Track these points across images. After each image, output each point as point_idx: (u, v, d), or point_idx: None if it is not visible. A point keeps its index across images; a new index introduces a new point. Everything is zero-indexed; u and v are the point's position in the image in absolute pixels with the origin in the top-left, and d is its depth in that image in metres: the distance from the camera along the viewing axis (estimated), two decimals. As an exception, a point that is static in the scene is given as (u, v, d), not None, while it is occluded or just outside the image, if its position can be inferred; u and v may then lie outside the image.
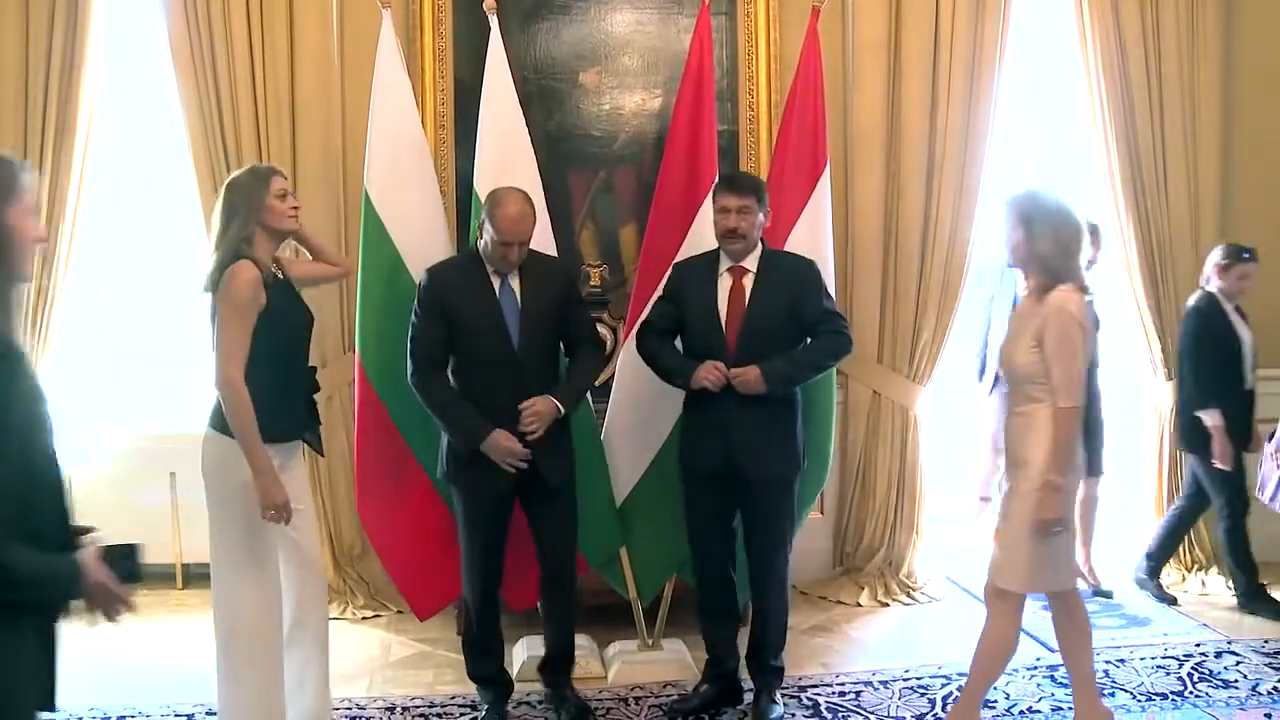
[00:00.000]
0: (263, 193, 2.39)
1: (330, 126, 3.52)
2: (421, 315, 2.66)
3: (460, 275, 2.69)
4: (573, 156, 3.57)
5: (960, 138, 3.65)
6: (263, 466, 2.32)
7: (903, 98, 3.66)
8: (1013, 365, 2.44)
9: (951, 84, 3.64)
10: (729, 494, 2.77)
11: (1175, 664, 3.12)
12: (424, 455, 2.95)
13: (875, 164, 3.68)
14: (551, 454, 2.67)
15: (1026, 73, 3.91)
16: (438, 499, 3.00)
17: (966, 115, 3.65)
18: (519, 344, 2.63)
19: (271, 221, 2.40)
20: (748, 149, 3.61)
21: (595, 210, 3.62)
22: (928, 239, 3.66)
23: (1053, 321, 2.34)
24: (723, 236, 2.72)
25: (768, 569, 2.78)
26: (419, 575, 3.05)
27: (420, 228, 3.03)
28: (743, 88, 3.60)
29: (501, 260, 2.62)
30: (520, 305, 2.65)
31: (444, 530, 3.03)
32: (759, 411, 2.67)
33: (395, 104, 3.02)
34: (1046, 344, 2.34)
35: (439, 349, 2.65)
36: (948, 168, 3.66)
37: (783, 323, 2.71)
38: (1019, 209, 2.44)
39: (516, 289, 2.67)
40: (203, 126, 3.45)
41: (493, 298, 2.64)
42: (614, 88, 3.58)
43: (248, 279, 2.32)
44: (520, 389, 2.62)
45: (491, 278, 2.66)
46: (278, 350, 2.37)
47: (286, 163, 3.48)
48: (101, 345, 3.98)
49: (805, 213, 3.14)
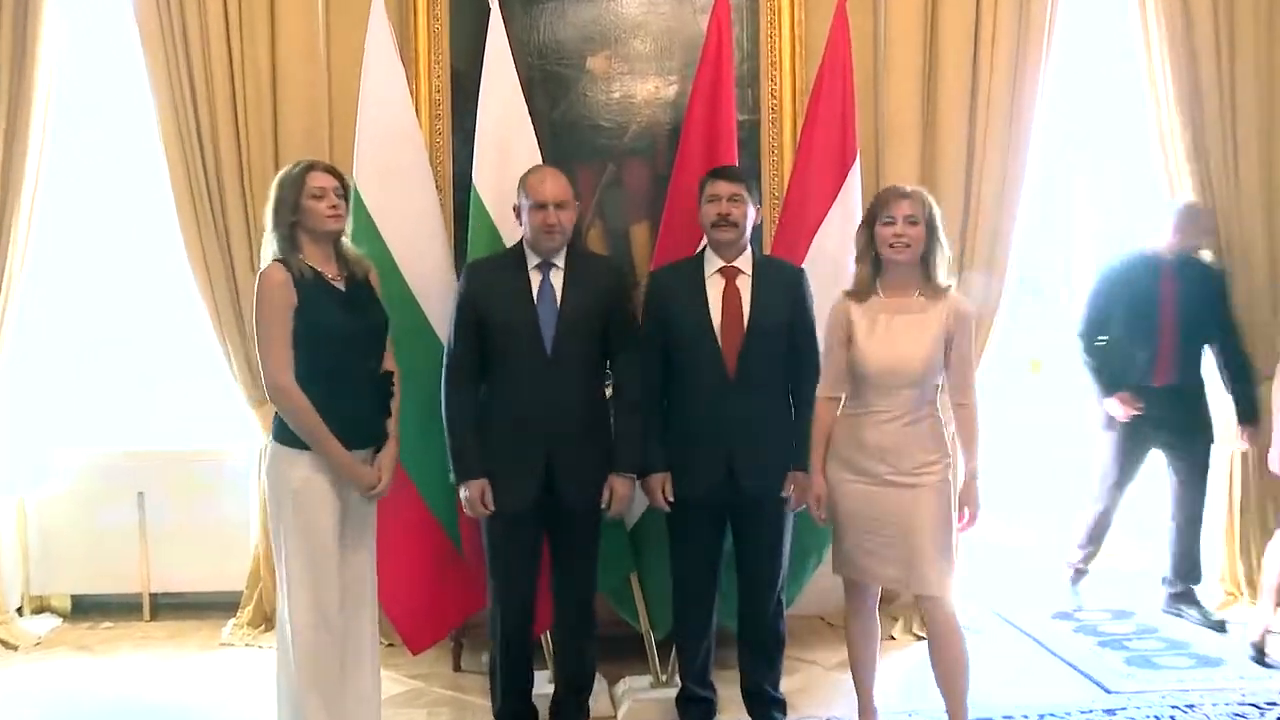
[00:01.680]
0: (298, 192, 2.50)
1: (316, 113, 3.58)
2: (456, 316, 2.75)
3: (498, 270, 2.78)
4: (580, 149, 3.62)
5: (1003, 126, 3.67)
6: (341, 460, 2.49)
7: (939, 82, 3.68)
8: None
9: (994, 65, 3.65)
10: (721, 521, 2.83)
11: (1256, 713, 3.07)
12: (421, 477, 3.00)
13: (909, 156, 3.71)
14: (577, 479, 2.72)
15: (1078, 54, 3.93)
16: (434, 524, 3.06)
17: (1010, 102, 3.67)
18: (552, 346, 2.68)
19: (310, 223, 2.51)
20: (770, 140, 3.67)
21: (604, 207, 3.68)
22: (966, 239, 3.70)
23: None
24: (712, 226, 2.77)
25: (768, 596, 2.84)
26: (412, 606, 3.10)
27: (414, 226, 3.08)
28: (765, 74, 3.65)
29: (545, 235, 2.68)
30: (559, 304, 2.70)
31: (440, 558, 3.10)
32: (760, 418, 2.74)
33: (387, 92, 3.08)
34: None
35: (469, 354, 2.72)
36: (988, 160, 3.68)
37: (783, 336, 2.78)
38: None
39: (559, 286, 2.72)
40: (174, 111, 3.51)
41: (528, 294, 2.71)
42: (625, 74, 3.64)
43: (275, 281, 2.45)
44: (551, 398, 2.67)
45: (532, 273, 2.73)
46: (319, 354, 2.47)
47: (266, 153, 3.54)
48: (61, 353, 4.04)
49: (834, 209, 3.19)
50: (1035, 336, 4.50)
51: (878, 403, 2.64)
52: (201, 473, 3.92)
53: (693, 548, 2.84)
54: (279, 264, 2.48)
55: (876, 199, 2.72)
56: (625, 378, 2.80)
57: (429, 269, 3.08)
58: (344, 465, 2.50)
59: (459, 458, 2.70)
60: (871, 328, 2.65)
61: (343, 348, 2.52)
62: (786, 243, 3.22)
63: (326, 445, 2.47)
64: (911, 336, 2.62)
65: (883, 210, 2.65)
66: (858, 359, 2.65)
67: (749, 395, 2.74)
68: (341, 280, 2.57)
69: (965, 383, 2.69)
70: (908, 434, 2.63)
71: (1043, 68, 3.69)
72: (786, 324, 2.78)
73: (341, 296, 2.55)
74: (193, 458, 3.94)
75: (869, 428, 2.65)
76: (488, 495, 2.68)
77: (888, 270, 2.68)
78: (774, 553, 2.83)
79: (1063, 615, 3.85)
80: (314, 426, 2.46)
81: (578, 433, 2.72)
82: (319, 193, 2.51)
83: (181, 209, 3.56)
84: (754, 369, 2.73)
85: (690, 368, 2.77)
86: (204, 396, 3.95)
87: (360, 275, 2.61)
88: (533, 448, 2.68)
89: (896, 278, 2.67)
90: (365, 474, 2.55)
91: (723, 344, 2.74)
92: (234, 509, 3.84)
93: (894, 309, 2.66)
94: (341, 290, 2.56)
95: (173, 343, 3.99)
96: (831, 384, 2.74)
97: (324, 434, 2.46)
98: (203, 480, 3.91)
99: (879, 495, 2.64)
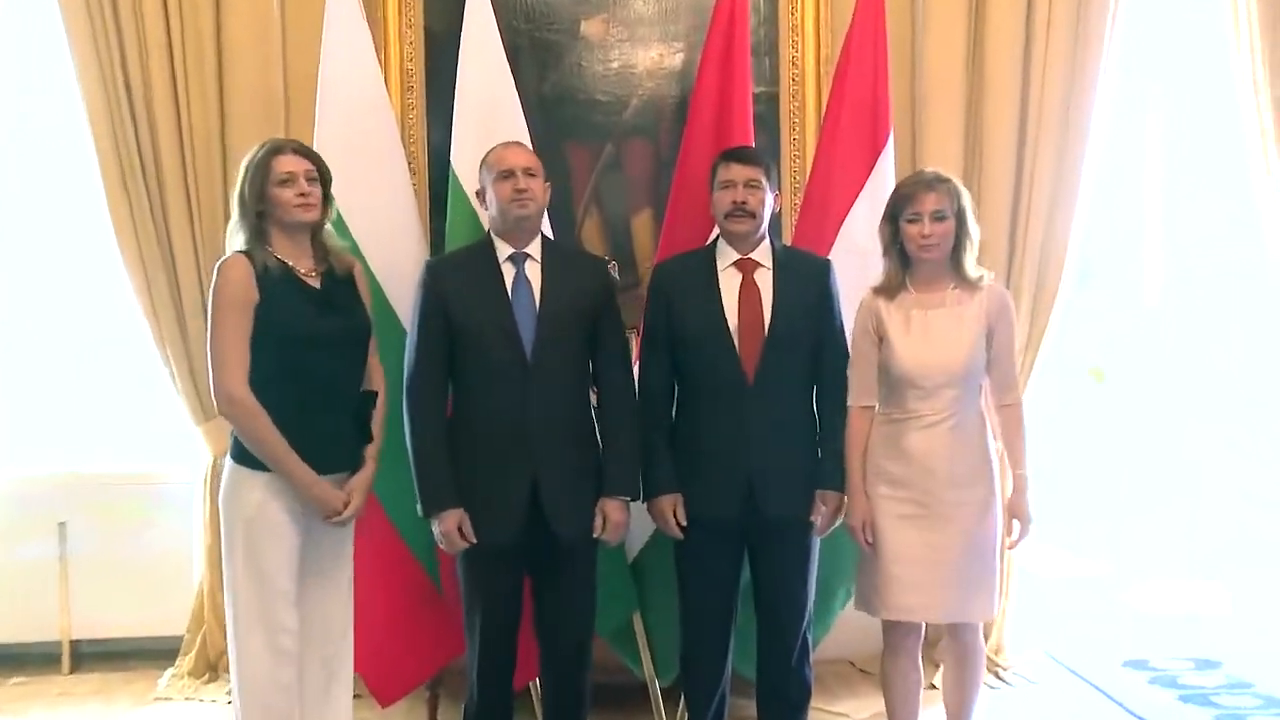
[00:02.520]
0: (263, 177, 2.56)
1: (269, 77, 3.63)
2: (417, 322, 2.79)
3: (465, 264, 2.84)
4: (573, 127, 3.71)
5: (1062, 93, 3.72)
6: (303, 479, 2.54)
7: (987, 43, 3.74)
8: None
9: (1052, 23, 3.70)
10: (738, 549, 2.91)
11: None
12: (394, 503, 3.04)
13: (951, 131, 3.79)
14: (568, 504, 2.77)
15: (1151, 4, 3.92)
16: (409, 558, 3.14)
17: (1070, 66, 3.72)
18: (533, 350, 2.73)
19: (277, 213, 2.58)
20: (790, 115, 3.76)
21: (601, 193, 3.76)
22: (1018, 225, 3.77)
23: None
24: (726, 216, 2.85)
25: (792, 636, 2.91)
26: (382, 652, 3.16)
27: (383, 214, 3.16)
28: (784, 39, 3.74)
29: (516, 205, 2.74)
30: (539, 301, 2.76)
31: (415, 597, 3.17)
32: (783, 430, 2.82)
33: (350, 57, 3.16)
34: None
35: (436, 364, 2.77)
36: (1045, 134, 3.74)
37: (809, 336, 2.86)
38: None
39: (536, 281, 2.79)
40: (101, 83, 3.55)
41: (501, 291, 2.77)
42: (624, 40, 3.72)
43: (233, 274, 2.51)
44: (531, 411, 2.72)
45: (504, 267, 2.79)
46: (282, 358, 2.53)
47: (211, 128, 3.58)
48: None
49: (863, 195, 3.29)
50: (1098, 340, 4.57)
51: (918, 406, 2.76)
52: (135, 499, 3.95)
53: (704, 580, 2.91)
54: (241, 255, 2.54)
55: (898, 192, 2.84)
56: (614, 389, 2.86)
57: (401, 262, 3.15)
58: (305, 485, 2.55)
59: (430, 486, 2.74)
60: (906, 325, 2.77)
61: (310, 352, 2.56)
62: (809, 233, 3.31)
63: (286, 462, 2.52)
64: (950, 331, 2.75)
65: (906, 206, 2.76)
66: (892, 360, 2.77)
67: (771, 404, 2.82)
68: (316, 276, 2.63)
69: (1009, 380, 2.83)
70: (953, 439, 2.74)
71: (1109, 23, 3.72)
72: (812, 324, 2.86)
73: (314, 294, 2.60)
74: (125, 481, 3.98)
75: (910, 434, 2.76)
76: (467, 526, 2.73)
77: (917, 265, 2.80)
78: (799, 586, 2.90)
79: (1136, 664, 3.88)
80: (270, 441, 2.51)
81: (567, 450, 2.78)
82: (286, 178, 2.57)
83: (112, 194, 3.60)
84: (776, 374, 2.81)
85: (702, 374, 2.85)
86: (139, 410, 4.01)
87: (341, 271, 2.68)
88: (516, 470, 2.73)
89: (927, 272, 2.79)
90: (331, 496, 2.60)
91: (740, 346, 2.81)
92: (174, 540, 3.88)
93: (928, 303, 2.78)
94: (315, 287, 2.61)
95: (102, 348, 4.04)
96: (865, 391, 2.85)
97: (282, 449, 2.51)
98: (136, 508, 3.94)
99: (925, 516, 2.75)
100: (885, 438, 2.81)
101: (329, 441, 2.61)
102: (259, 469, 2.55)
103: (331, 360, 2.62)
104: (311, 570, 2.64)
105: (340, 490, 2.64)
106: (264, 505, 2.54)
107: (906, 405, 2.78)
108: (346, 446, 2.66)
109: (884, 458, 2.80)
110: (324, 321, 2.60)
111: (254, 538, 2.55)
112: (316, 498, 2.58)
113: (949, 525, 2.74)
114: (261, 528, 2.55)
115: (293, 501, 2.57)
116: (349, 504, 2.64)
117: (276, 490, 2.55)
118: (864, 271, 3.05)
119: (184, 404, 3.68)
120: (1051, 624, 4.08)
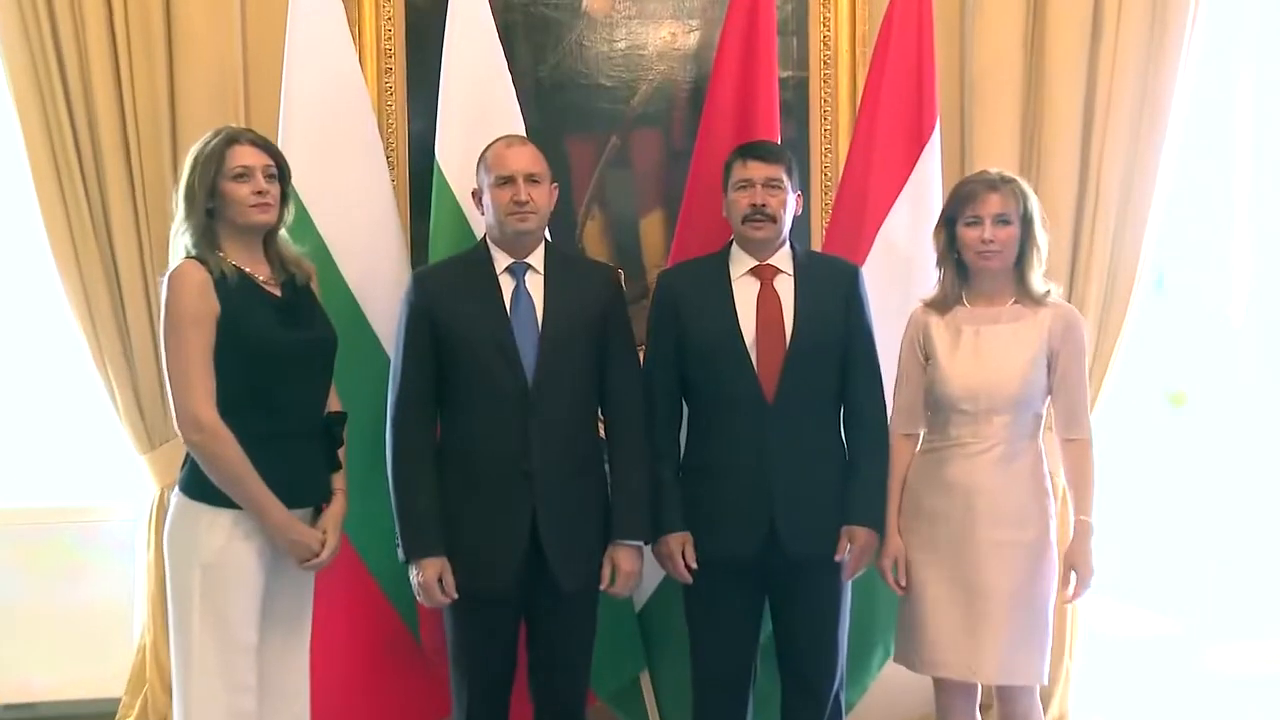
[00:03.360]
0: (214, 170, 2.63)
1: (225, 62, 3.66)
2: (403, 339, 2.86)
3: (457, 276, 2.91)
4: (574, 116, 3.80)
5: (1135, 79, 3.75)
6: (278, 520, 2.61)
7: (1049, 21, 3.77)
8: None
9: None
10: (758, 594, 2.98)
11: None
12: (367, 544, 3.14)
13: (1006, 120, 3.82)
14: (572, 549, 2.84)
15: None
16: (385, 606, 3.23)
17: (1147, 46, 3.74)
18: (534, 373, 2.81)
19: (229, 212, 2.64)
20: (822, 103, 3.85)
21: (605, 191, 3.85)
22: (1082, 230, 3.82)
23: None
24: (743, 220, 2.93)
25: (821, 698, 2.97)
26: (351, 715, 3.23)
27: (358, 215, 3.26)
28: (815, 16, 3.83)
29: (515, 216, 2.81)
30: (541, 317, 2.84)
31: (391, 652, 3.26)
32: (808, 457, 2.90)
33: (320, 36, 3.25)
34: None
35: (424, 387, 2.84)
36: (1114, 125, 3.77)
37: (836, 350, 2.94)
38: None
39: (538, 295, 2.87)
40: (30, 64, 3.57)
41: (499, 305, 2.84)
42: (632, 17, 3.81)
43: (191, 282, 2.57)
44: (532, 442, 2.79)
45: (501, 279, 2.87)
46: (248, 379, 2.60)
47: (160, 114, 3.60)
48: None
49: (905, 194, 3.39)
50: (1175, 361, 4.59)
51: (962, 433, 2.86)
52: (67, 540, 3.97)
53: (719, 632, 2.99)
54: (194, 262, 2.60)
55: (956, 192, 2.92)
56: (626, 416, 2.94)
57: (376, 266, 3.25)
58: (280, 527, 2.63)
59: (411, 527, 2.81)
60: (955, 342, 2.87)
61: (278, 370, 2.64)
62: (843, 238, 3.41)
63: (259, 499, 2.59)
64: (1006, 351, 2.84)
65: (965, 207, 2.85)
66: (937, 379, 2.87)
67: (794, 427, 2.90)
68: (276, 284, 2.71)
69: (1078, 412, 2.90)
70: (1002, 473, 2.83)
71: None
72: (840, 336, 2.95)
73: (277, 304, 2.69)
74: (55, 519, 4.00)
75: (952, 463, 2.86)
76: (448, 578, 2.79)
77: (975, 276, 2.89)
78: (829, 639, 2.98)
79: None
80: (241, 474, 2.57)
81: (571, 487, 2.85)
82: (242, 172, 2.63)
83: (44, 195, 3.63)
84: (799, 393, 2.90)
85: (715, 393, 2.94)
86: (72, 436, 4.04)
87: (301, 280, 2.76)
88: (513, 509, 2.80)
89: (987, 284, 2.89)
90: (309, 537, 2.69)
91: (758, 362, 2.90)
92: (111, 587, 3.91)
93: (983, 318, 2.88)
94: (277, 296, 2.70)
95: (30, 365, 4.08)
96: (910, 417, 2.96)
97: (255, 484, 2.58)
98: (68, 550, 3.96)
99: (964, 556, 2.83)
100: (924, 467, 2.91)
101: (298, 472, 2.69)
102: (222, 505, 2.61)
103: (300, 379, 2.70)
104: (272, 620, 2.69)
105: (314, 529, 2.72)
106: (227, 549, 2.60)
107: (950, 431, 2.88)
108: (316, 477, 2.75)
109: (922, 490, 2.90)
110: (291, 335, 2.67)
111: (214, 584, 2.59)
112: (293, 541, 2.66)
113: (991, 569, 2.82)
114: (225, 573, 2.60)
115: (262, 543, 2.64)
116: (325, 544, 2.72)
117: (244, 531, 2.62)
118: (906, 281, 3.16)
119: (126, 430, 3.72)
120: (1122, 691, 4.09)
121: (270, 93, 3.38)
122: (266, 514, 2.61)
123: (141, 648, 3.83)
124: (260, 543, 2.64)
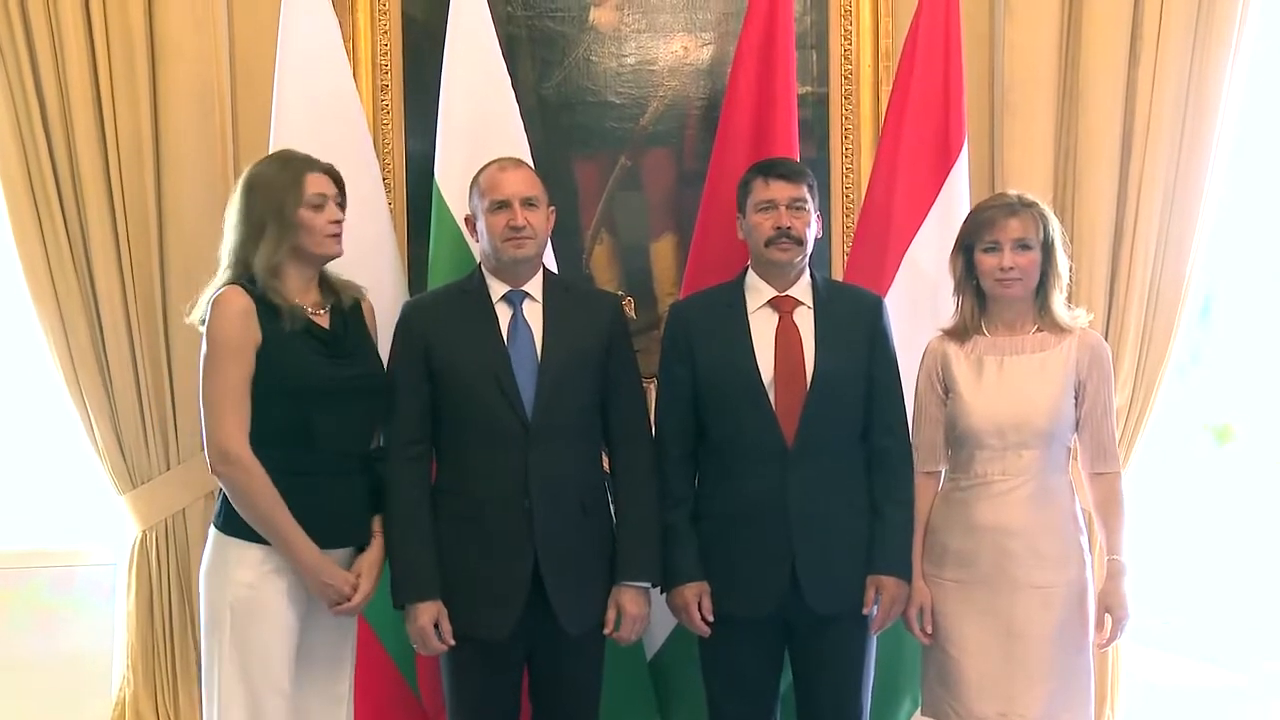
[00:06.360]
0: (293, 199, 2.66)
1: (209, 76, 3.68)
2: (397, 373, 2.88)
3: (451, 305, 2.93)
4: (580, 135, 3.83)
5: (1177, 94, 3.75)
6: (307, 559, 2.64)
7: (1084, 34, 3.78)
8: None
9: (1166, 8, 3.71)
10: (778, 647, 2.98)
11: None
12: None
13: (1039, 136, 3.83)
14: (577, 592, 2.85)
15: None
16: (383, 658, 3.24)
17: (1189, 59, 3.74)
18: (533, 407, 2.82)
19: (305, 242, 2.68)
20: (842, 121, 3.87)
21: (614, 214, 3.87)
22: (1120, 254, 3.82)
23: None
24: (767, 244, 2.92)
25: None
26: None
27: (353, 238, 3.17)
28: (835, 29, 3.85)
29: (511, 243, 2.83)
30: (540, 349, 2.86)
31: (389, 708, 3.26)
32: (830, 502, 2.89)
33: (312, 52, 3.30)
34: None
35: (418, 423, 2.86)
36: (1155, 143, 3.77)
37: (859, 388, 2.93)
38: None
39: (537, 325, 2.88)
40: (5, 83, 3.61)
41: (495, 337, 2.86)
42: (641, 31, 3.84)
43: (234, 310, 2.61)
44: (532, 480, 2.80)
45: (498, 309, 2.89)
46: (286, 414, 2.63)
47: (143, 129, 3.62)
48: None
49: (931, 217, 3.42)
50: (1222, 393, 4.59)
51: (988, 470, 2.86)
52: (40, 585, 3.97)
53: (736, 687, 2.99)
54: (237, 288, 2.64)
55: (973, 217, 2.94)
56: (630, 452, 2.95)
57: (374, 296, 3.16)
58: (310, 567, 2.66)
59: (405, 570, 2.82)
60: (977, 373, 2.88)
61: (320, 406, 2.67)
62: (866, 264, 3.43)
63: (288, 537, 2.62)
64: (1032, 382, 2.85)
65: (983, 233, 2.87)
66: (959, 413, 2.88)
67: (816, 471, 2.89)
68: (324, 314, 2.75)
69: (1106, 445, 2.91)
70: (1032, 510, 2.83)
71: (1239, 8, 3.73)
72: (864, 373, 2.94)
73: (324, 336, 2.72)
74: (25, 563, 3.99)
75: (980, 503, 2.86)
76: (445, 624, 2.80)
77: (994, 304, 2.90)
78: (851, 693, 2.98)
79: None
80: (270, 509, 2.61)
81: (574, 526, 2.86)
82: (320, 202, 2.70)
83: (17, 218, 3.65)
84: (822, 435, 2.89)
85: (731, 436, 2.93)
86: (47, 475, 4.04)
87: (347, 305, 2.80)
88: (514, 551, 2.81)
89: (1007, 312, 2.91)
90: (340, 579, 2.71)
91: (777, 402, 2.90)
92: (88, 637, 3.92)
93: (1005, 348, 2.89)
94: (324, 328, 2.73)
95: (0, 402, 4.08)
96: (929, 454, 2.96)
97: (284, 521, 2.62)
98: (40, 597, 3.97)
99: (1001, 602, 2.82)
100: (950, 509, 2.91)
101: (335, 511, 2.72)
102: (252, 540, 2.64)
103: (344, 415, 2.73)
104: (309, 661, 2.72)
105: (347, 571, 2.74)
106: (257, 586, 2.64)
107: (975, 469, 2.88)
108: (354, 517, 2.77)
109: (947, 533, 2.90)
110: (336, 369, 2.70)
111: (242, 624, 2.63)
112: (322, 583, 2.68)
113: (1031, 613, 2.81)
114: (254, 611, 2.63)
115: (293, 581, 2.66)
116: (358, 588, 2.73)
117: (274, 567, 2.64)
118: (933, 310, 3.16)
119: (105, 468, 3.74)
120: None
121: (259, 107, 3.41)
122: (297, 553, 2.65)
123: (120, 701, 3.82)
124: (292, 580, 2.67)
